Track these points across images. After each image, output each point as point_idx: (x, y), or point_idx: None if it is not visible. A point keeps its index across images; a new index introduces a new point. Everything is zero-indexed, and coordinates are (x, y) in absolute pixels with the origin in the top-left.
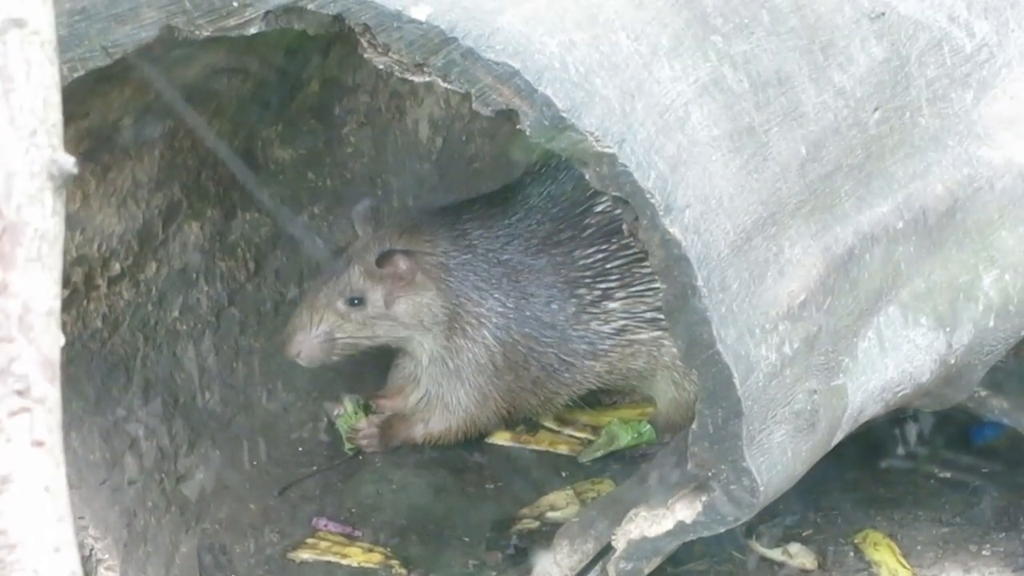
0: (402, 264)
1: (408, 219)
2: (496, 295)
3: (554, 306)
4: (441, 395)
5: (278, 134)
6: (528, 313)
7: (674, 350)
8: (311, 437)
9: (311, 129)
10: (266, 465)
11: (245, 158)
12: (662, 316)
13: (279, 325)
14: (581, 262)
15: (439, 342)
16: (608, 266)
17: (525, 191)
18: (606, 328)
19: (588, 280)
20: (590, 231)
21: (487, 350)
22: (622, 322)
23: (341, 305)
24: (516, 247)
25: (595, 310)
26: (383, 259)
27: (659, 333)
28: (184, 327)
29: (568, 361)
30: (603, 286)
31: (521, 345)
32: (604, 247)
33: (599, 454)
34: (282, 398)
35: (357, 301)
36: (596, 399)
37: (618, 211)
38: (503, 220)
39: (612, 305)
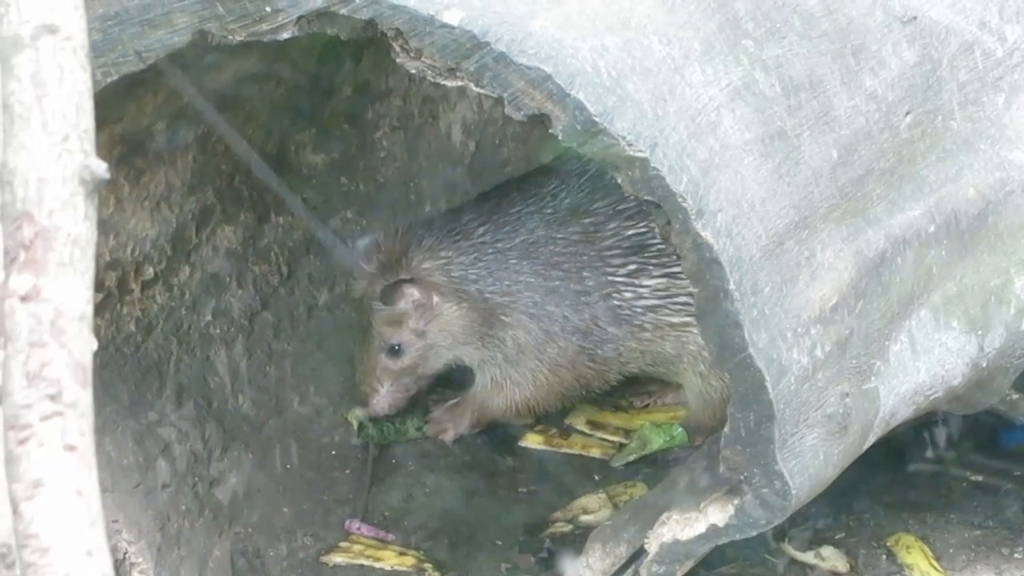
0: (413, 293)
1: (403, 241)
2: (518, 277)
3: (585, 273)
4: (496, 380)
5: (311, 139)
6: (557, 283)
7: (700, 339)
8: (343, 441)
9: (344, 134)
10: (299, 469)
11: (278, 163)
12: None
13: (312, 329)
14: (620, 232)
15: (486, 345)
16: (646, 242)
17: (552, 169)
18: (639, 304)
19: (622, 253)
20: (629, 205)
21: (524, 329)
22: (654, 301)
23: (385, 359)
24: (532, 225)
25: (630, 282)
26: (389, 296)
27: (691, 319)
28: (217, 331)
29: (606, 331)
30: (639, 260)
31: (556, 316)
32: (643, 223)
33: (632, 458)
34: (314, 402)
35: (397, 348)
36: (628, 403)
37: None
38: (509, 208)
39: (647, 282)
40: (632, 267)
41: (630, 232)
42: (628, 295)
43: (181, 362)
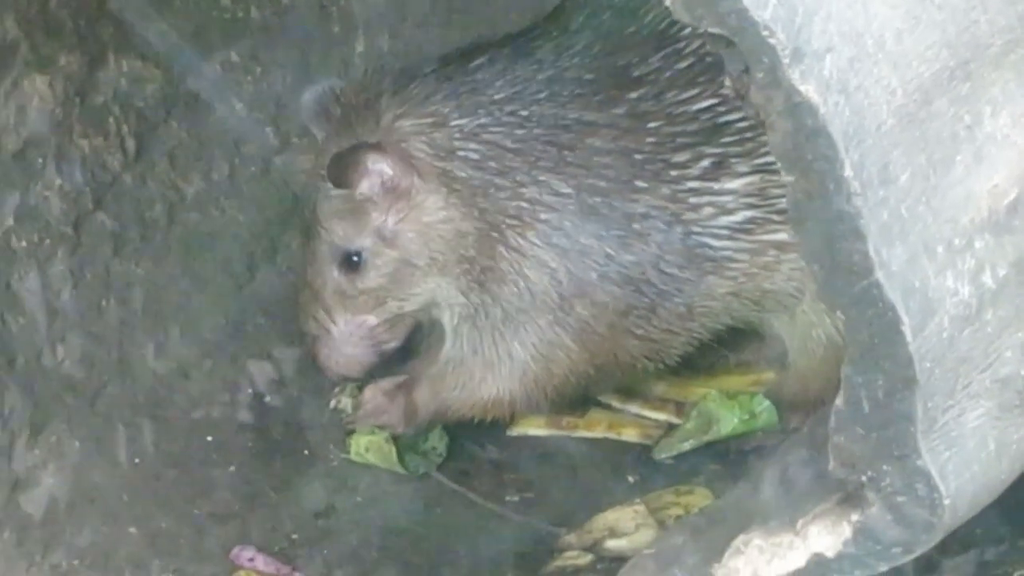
0: (382, 166)
1: (375, 86)
2: (544, 176)
3: (638, 183)
4: (483, 352)
5: None
6: (598, 200)
7: None
8: (225, 418)
9: None
10: (155, 464)
11: None
12: None
13: (175, 240)
14: (681, 109)
15: (473, 285)
16: (721, 121)
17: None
18: (725, 220)
19: (690, 142)
20: (687, 62)
21: (543, 268)
22: (747, 212)
23: (338, 277)
24: (567, 96)
25: (705, 189)
26: (344, 170)
27: None
28: (22, 244)
29: (671, 274)
30: (715, 151)
31: (595, 253)
32: (711, 88)
33: (687, 447)
34: (179, 354)
35: (356, 259)
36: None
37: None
38: (536, 56)
39: (731, 184)
40: (705, 163)
41: (693, 107)
42: (709, 211)
43: None
